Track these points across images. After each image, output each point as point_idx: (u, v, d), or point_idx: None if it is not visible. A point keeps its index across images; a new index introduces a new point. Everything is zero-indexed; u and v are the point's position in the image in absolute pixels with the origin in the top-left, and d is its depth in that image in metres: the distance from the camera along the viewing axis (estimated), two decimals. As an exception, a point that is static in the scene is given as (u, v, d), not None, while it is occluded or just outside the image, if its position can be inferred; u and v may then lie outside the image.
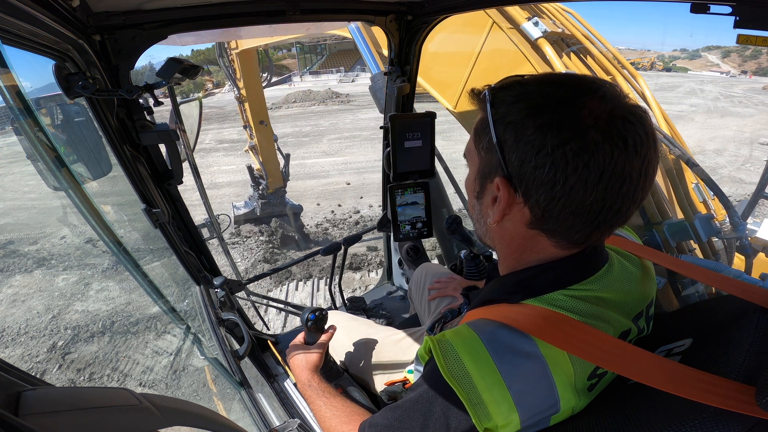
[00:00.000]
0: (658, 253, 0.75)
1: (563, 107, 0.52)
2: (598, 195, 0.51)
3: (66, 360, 4.82)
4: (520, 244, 0.62)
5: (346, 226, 8.30)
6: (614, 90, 0.54)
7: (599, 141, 0.49)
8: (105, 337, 5.13)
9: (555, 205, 0.54)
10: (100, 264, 6.86)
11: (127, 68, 1.08)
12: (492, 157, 0.58)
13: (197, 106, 1.80)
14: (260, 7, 1.21)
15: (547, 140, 0.51)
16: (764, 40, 0.78)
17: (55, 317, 5.63)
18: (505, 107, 0.56)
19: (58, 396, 0.31)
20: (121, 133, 1.12)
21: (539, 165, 0.52)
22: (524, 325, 0.56)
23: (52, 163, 0.95)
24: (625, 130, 0.50)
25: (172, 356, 4.80)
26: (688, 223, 1.81)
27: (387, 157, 1.72)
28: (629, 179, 0.51)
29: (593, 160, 0.50)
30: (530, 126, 0.52)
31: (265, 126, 7.09)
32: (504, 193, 0.57)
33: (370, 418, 0.74)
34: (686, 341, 0.61)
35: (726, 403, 0.44)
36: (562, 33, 2.14)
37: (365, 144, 14.66)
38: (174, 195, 1.35)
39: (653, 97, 2.19)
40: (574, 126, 0.50)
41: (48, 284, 6.50)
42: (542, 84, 0.56)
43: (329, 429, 0.89)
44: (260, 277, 2.15)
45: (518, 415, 0.55)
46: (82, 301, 5.92)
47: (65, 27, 0.83)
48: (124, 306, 5.73)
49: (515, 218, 0.59)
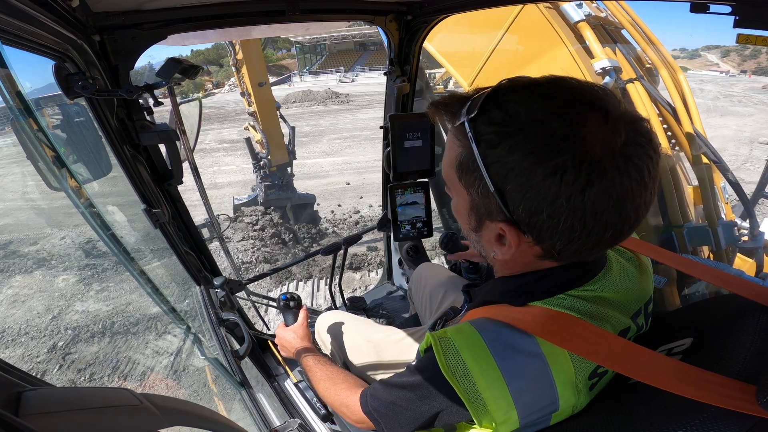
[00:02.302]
0: (658, 250, 0.75)
1: (570, 144, 0.45)
2: (616, 228, 0.50)
3: (66, 360, 4.82)
4: (525, 265, 0.61)
5: (346, 226, 8.24)
6: (614, 102, 0.48)
7: (618, 179, 0.45)
8: (105, 338, 5.14)
9: (572, 246, 0.51)
10: (100, 264, 6.86)
11: (126, 68, 1.08)
12: (490, 201, 0.52)
13: (197, 106, 1.80)
14: (260, 7, 1.21)
15: (562, 190, 0.46)
16: (764, 40, 0.78)
17: (55, 317, 5.64)
18: (498, 149, 0.48)
19: (58, 396, 0.31)
20: (120, 133, 1.12)
21: (554, 214, 0.48)
22: (527, 324, 0.56)
23: (52, 164, 0.95)
24: (638, 157, 0.46)
25: (172, 356, 4.80)
26: (710, 229, 1.78)
27: (387, 157, 1.72)
28: (644, 204, 0.50)
29: (612, 199, 0.46)
30: (536, 174, 0.46)
31: (263, 87, 6.41)
32: (512, 238, 0.53)
33: (371, 388, 0.76)
34: (687, 340, 0.61)
35: (727, 402, 0.44)
36: (606, 19, 2.03)
37: (365, 144, 14.59)
38: (174, 195, 1.35)
39: (691, 95, 2.11)
40: (588, 167, 0.45)
41: (48, 284, 6.51)
42: (535, 111, 0.47)
43: (324, 389, 0.92)
44: (260, 277, 2.15)
45: (516, 412, 0.55)
46: (83, 302, 5.94)
47: (65, 27, 0.83)
48: (125, 306, 5.72)
49: (524, 251, 0.56)
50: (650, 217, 1.95)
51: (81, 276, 6.63)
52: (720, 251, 1.89)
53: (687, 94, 2.12)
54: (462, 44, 2.40)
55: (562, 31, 1.95)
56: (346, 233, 7.84)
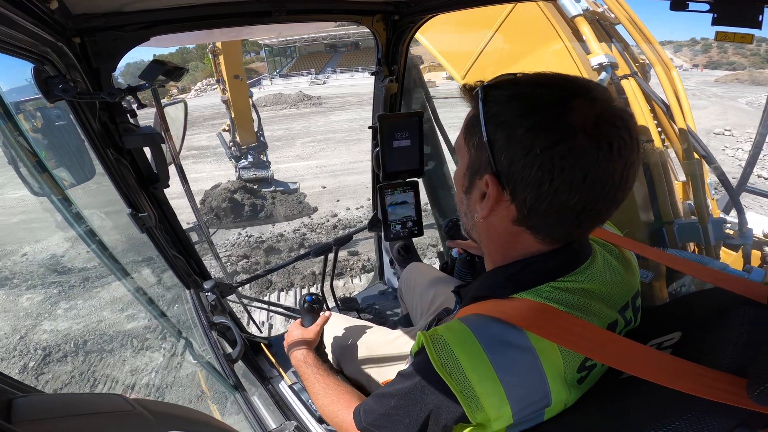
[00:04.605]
0: (642, 246, 0.76)
1: (554, 109, 0.53)
2: (582, 196, 0.53)
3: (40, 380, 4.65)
4: (505, 239, 0.64)
5: (324, 231, 8.10)
6: (604, 93, 0.55)
7: (586, 144, 0.51)
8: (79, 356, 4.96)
9: (540, 204, 0.55)
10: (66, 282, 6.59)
11: (108, 71, 1.06)
12: (482, 154, 0.59)
13: (182, 108, 1.77)
14: (245, 8, 1.20)
15: (537, 142, 0.52)
16: (742, 37, 0.81)
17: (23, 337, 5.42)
18: (497, 106, 0.57)
19: (49, 403, 0.31)
20: (104, 136, 1.10)
21: (528, 165, 0.53)
22: (515, 318, 0.57)
23: (33, 168, 0.93)
24: (611, 134, 0.52)
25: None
26: (701, 226, 1.80)
27: (376, 157, 1.72)
28: (611, 181, 0.53)
29: (579, 163, 0.52)
30: (521, 126, 0.53)
31: (240, 81, 7.27)
32: (492, 190, 0.58)
33: (363, 403, 0.75)
34: (675, 334, 0.62)
35: (718, 395, 0.45)
36: (602, 14, 2.01)
37: (339, 146, 14.37)
38: (160, 199, 1.33)
39: (684, 92, 2.14)
40: (563, 129, 0.52)
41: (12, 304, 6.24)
42: (535, 85, 0.57)
43: (322, 406, 0.91)
44: (251, 279, 2.13)
45: (510, 407, 0.56)
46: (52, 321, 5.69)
47: (44, 30, 0.81)
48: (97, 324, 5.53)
49: (501, 214, 0.61)
50: (641, 213, 1.98)
51: (47, 294, 6.34)
52: (710, 248, 1.92)
53: (680, 91, 2.15)
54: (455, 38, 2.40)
55: (558, 25, 1.95)
56: (324, 238, 7.77)
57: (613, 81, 2.06)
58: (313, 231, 8.16)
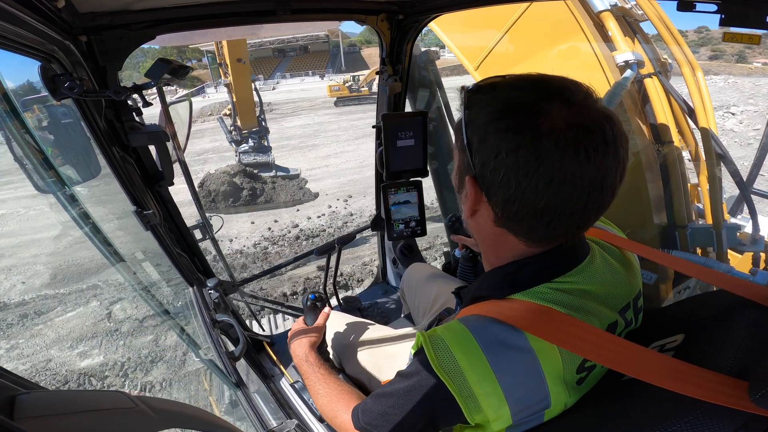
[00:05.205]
0: (645, 248, 0.75)
1: (522, 113, 0.53)
2: (549, 200, 0.53)
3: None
4: (493, 240, 0.65)
5: (287, 242, 7.62)
6: (585, 96, 0.54)
7: (550, 148, 0.51)
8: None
9: (511, 207, 0.56)
10: (1, 319, 5.79)
11: (114, 69, 1.06)
12: (465, 156, 0.60)
13: (187, 106, 1.78)
14: (250, 7, 1.20)
15: (503, 145, 0.53)
16: (750, 38, 0.80)
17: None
18: (475, 109, 0.58)
19: (53, 399, 0.31)
20: (109, 134, 1.11)
21: (496, 168, 0.55)
22: (514, 319, 0.57)
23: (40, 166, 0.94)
24: (578, 138, 0.50)
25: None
26: (715, 231, 1.76)
27: (380, 156, 1.72)
28: (580, 187, 0.52)
29: (542, 167, 0.51)
30: (491, 130, 0.55)
31: (243, 64, 7.33)
32: (471, 191, 0.60)
33: (362, 403, 0.75)
34: (678, 337, 0.61)
35: (720, 398, 0.44)
36: (629, 10, 1.95)
37: (294, 153, 13.69)
38: (165, 196, 1.34)
39: (708, 93, 2.07)
40: (529, 132, 0.52)
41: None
42: (510, 88, 0.57)
43: (322, 405, 0.91)
44: (254, 278, 2.14)
45: (508, 408, 0.56)
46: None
47: (50, 28, 0.82)
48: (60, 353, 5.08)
49: (484, 215, 0.62)
50: (654, 215, 1.92)
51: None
52: (722, 253, 1.86)
53: (704, 92, 2.09)
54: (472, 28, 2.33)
55: (582, 19, 1.89)
56: (287, 251, 7.32)
57: (637, 78, 1.99)
58: (274, 244, 7.66)
